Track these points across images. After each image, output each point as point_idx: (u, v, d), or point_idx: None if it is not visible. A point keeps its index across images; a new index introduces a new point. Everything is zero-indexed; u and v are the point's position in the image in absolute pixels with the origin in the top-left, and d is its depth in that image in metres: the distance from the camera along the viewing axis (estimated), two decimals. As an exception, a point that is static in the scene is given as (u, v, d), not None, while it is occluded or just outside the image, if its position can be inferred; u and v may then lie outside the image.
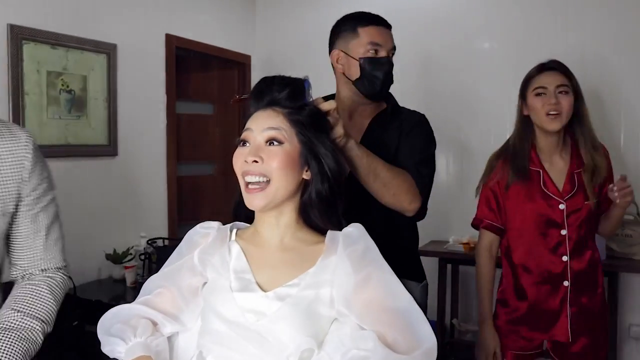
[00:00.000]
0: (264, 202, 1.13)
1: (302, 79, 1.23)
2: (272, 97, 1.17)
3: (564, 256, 1.86)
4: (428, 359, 1.02)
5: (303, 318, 1.08)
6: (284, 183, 1.13)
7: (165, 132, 3.46)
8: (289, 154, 1.13)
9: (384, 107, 1.74)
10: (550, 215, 1.87)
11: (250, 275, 1.15)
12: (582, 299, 1.88)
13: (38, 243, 1.29)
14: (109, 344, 1.14)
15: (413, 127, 1.68)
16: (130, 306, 1.21)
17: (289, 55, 4.07)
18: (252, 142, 1.14)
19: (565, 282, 1.86)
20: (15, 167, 1.22)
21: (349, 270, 1.11)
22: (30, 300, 1.23)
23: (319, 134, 1.19)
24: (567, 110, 1.83)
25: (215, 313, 1.12)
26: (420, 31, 3.63)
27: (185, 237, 1.27)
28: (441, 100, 3.51)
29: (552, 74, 1.86)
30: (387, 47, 1.64)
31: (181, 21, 3.56)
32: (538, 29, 3.35)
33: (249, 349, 1.07)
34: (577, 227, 1.86)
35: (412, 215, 1.57)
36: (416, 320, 1.07)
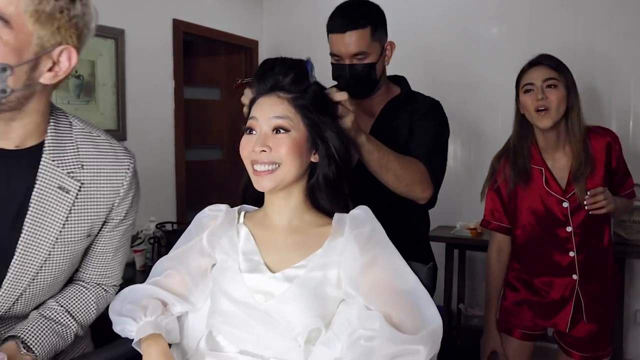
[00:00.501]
0: (272, 184, 1.14)
1: (304, 61, 1.22)
2: (275, 81, 1.16)
3: (570, 252, 1.86)
4: (433, 338, 1.03)
5: (311, 299, 1.10)
6: (293, 168, 1.15)
7: (174, 117, 3.47)
8: (296, 141, 1.14)
9: (397, 93, 1.72)
10: (554, 213, 1.87)
11: (259, 257, 1.16)
12: (591, 287, 1.88)
13: (104, 260, 1.25)
14: (120, 324, 1.16)
15: (426, 113, 1.66)
16: (140, 286, 1.23)
17: (296, 40, 4.06)
18: (258, 131, 1.15)
19: (574, 275, 1.86)
20: (110, 193, 1.15)
21: (355, 252, 1.12)
22: (75, 301, 1.21)
23: (324, 116, 1.20)
24: (556, 105, 1.78)
25: (224, 293, 1.14)
26: (426, 17, 3.62)
27: (194, 219, 1.29)
28: (448, 86, 3.49)
29: (539, 69, 1.82)
30: (348, 54, 1.58)
31: (188, 6, 3.55)
32: (546, 12, 3.32)
33: (257, 328, 1.09)
34: (582, 223, 1.84)
35: (424, 203, 1.57)
36: (422, 301, 1.09)
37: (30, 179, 1.05)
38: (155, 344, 1.09)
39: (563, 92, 1.79)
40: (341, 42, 1.58)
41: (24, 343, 1.07)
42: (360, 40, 1.56)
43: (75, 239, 1.13)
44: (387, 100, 1.69)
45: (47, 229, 1.07)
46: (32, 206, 1.05)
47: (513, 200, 1.95)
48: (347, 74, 1.59)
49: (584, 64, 3.17)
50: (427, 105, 1.69)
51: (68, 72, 1.01)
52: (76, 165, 1.10)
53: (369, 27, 1.57)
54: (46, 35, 0.96)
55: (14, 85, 0.95)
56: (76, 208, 1.10)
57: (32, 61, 0.96)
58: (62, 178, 1.08)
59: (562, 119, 1.82)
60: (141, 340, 1.10)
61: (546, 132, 1.85)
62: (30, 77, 0.97)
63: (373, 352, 0.99)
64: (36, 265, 1.08)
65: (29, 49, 0.95)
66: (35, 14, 0.93)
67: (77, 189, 1.10)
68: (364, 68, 1.58)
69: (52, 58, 0.99)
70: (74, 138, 1.12)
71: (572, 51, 3.14)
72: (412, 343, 1.01)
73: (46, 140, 1.08)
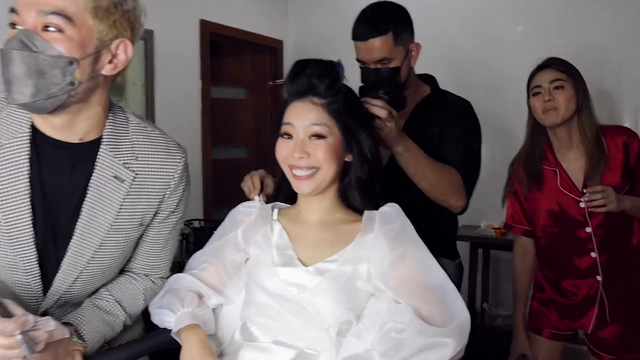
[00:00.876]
0: (312, 188, 1.19)
1: (335, 63, 1.25)
2: (309, 84, 1.19)
3: (592, 253, 1.85)
4: (461, 332, 1.07)
5: (341, 292, 1.14)
6: (330, 170, 1.19)
7: (200, 116, 3.54)
8: (332, 145, 1.18)
9: (427, 93, 1.73)
10: (571, 214, 1.86)
11: (292, 252, 1.21)
12: (617, 289, 1.87)
13: (153, 252, 1.31)
14: (158, 315, 1.22)
15: (458, 115, 1.67)
16: (178, 278, 1.27)
17: (320, 40, 4.09)
18: (295, 137, 1.18)
19: (598, 276, 1.86)
20: (162, 185, 1.22)
21: (385, 247, 1.16)
22: (124, 291, 1.27)
23: (357, 119, 1.23)
24: (564, 104, 1.80)
25: (259, 286, 1.18)
26: (450, 18, 3.62)
27: (229, 215, 1.34)
28: (472, 85, 3.49)
29: (546, 72, 1.85)
30: (371, 60, 1.61)
31: (215, 7, 3.61)
32: (572, 10, 3.30)
33: (291, 320, 1.14)
34: (603, 222, 1.83)
35: (459, 212, 1.61)
36: (450, 295, 1.12)
37: (90, 169, 1.14)
38: (194, 333, 1.14)
39: (571, 92, 1.81)
40: (364, 50, 1.61)
41: (77, 331, 1.13)
42: (382, 47, 1.59)
43: (128, 226, 1.19)
44: (417, 100, 1.71)
45: (103, 215, 1.15)
46: (90, 193, 1.13)
47: (530, 203, 1.97)
48: (372, 78, 1.62)
49: (611, 63, 3.15)
50: (458, 106, 1.70)
51: (126, 63, 1.10)
52: (131, 157, 1.18)
53: (390, 33, 1.59)
54: (104, 29, 1.05)
55: (80, 78, 1.03)
56: (130, 197, 1.17)
57: (94, 54, 1.04)
58: (117, 168, 1.15)
59: (572, 119, 1.84)
60: (180, 330, 1.15)
61: (558, 133, 1.87)
62: (93, 69, 1.06)
63: (403, 344, 1.03)
64: (92, 249, 1.15)
65: (90, 43, 1.03)
66: (94, 10, 1.02)
67: (132, 179, 1.17)
68: (388, 72, 1.60)
69: (110, 51, 1.07)
70: (130, 132, 1.20)
71: (600, 49, 3.12)
72: (440, 336, 1.04)
73: (104, 134, 1.15)
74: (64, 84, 1.01)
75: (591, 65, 3.10)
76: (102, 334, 1.18)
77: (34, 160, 1.10)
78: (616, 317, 1.87)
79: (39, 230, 1.11)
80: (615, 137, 1.84)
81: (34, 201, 1.10)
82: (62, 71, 1.00)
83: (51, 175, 1.12)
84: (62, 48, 1.00)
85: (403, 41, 1.63)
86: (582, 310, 1.91)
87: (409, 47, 1.65)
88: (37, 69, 0.98)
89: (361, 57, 1.64)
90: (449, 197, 1.54)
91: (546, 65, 1.87)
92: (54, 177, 1.12)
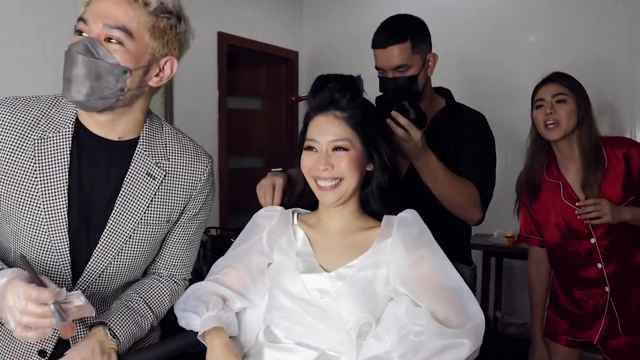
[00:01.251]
0: (336, 198, 1.25)
1: (355, 77, 1.31)
2: (331, 99, 1.25)
3: (598, 264, 1.88)
4: (476, 333, 1.12)
5: (361, 296, 1.19)
6: (354, 181, 1.25)
7: (217, 126, 3.61)
8: (354, 157, 1.24)
9: (442, 105, 1.78)
10: (574, 225, 1.90)
11: (314, 259, 1.27)
12: (628, 298, 1.89)
13: (177, 252, 1.39)
14: (184, 318, 1.28)
15: (473, 130, 1.71)
16: (202, 284, 1.33)
17: (335, 51, 4.16)
18: (319, 150, 1.25)
19: (606, 287, 1.88)
20: (189, 186, 1.32)
21: (402, 251, 1.21)
22: (151, 292, 1.34)
23: (376, 129, 1.29)
24: (566, 118, 1.84)
25: (283, 290, 1.24)
26: (459, 27, 3.66)
27: (250, 220, 1.39)
28: (485, 95, 3.53)
29: (549, 86, 1.89)
30: (390, 67, 1.67)
31: (232, 19, 3.70)
32: (584, 20, 3.33)
33: (313, 323, 1.19)
34: (606, 233, 1.86)
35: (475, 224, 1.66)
36: (466, 298, 1.17)
37: (125, 166, 1.25)
38: (218, 336, 1.20)
39: (573, 106, 1.85)
40: (383, 57, 1.67)
41: (111, 330, 1.19)
42: (401, 54, 1.65)
43: (156, 221, 1.28)
44: (433, 113, 1.75)
45: (134, 208, 1.24)
46: (124, 188, 1.23)
47: (538, 215, 2.01)
48: (390, 86, 1.68)
49: (623, 73, 3.18)
50: (473, 120, 1.74)
51: (169, 78, 1.24)
52: (163, 157, 1.29)
53: (409, 41, 1.65)
54: (157, 47, 1.18)
55: (130, 85, 1.16)
56: (160, 193, 1.28)
57: (145, 67, 1.18)
58: (150, 166, 1.26)
59: (573, 133, 1.88)
60: (205, 332, 1.21)
61: (560, 146, 1.91)
62: (142, 80, 1.19)
63: (422, 346, 1.08)
64: (121, 241, 1.24)
65: (144, 57, 1.17)
66: (152, 29, 1.16)
67: (162, 177, 1.28)
68: (406, 81, 1.67)
69: (159, 66, 1.21)
70: (164, 135, 1.33)
71: (610, 61, 3.15)
72: (457, 337, 1.09)
73: (141, 135, 1.28)
74: (115, 89, 1.13)
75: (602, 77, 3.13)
76: (133, 334, 1.25)
77: (75, 154, 1.20)
78: (627, 328, 1.89)
79: (72, 219, 1.20)
80: (616, 149, 1.87)
81: (70, 191, 1.19)
82: (116, 78, 1.13)
83: (89, 169, 1.22)
84: (120, 58, 1.12)
85: (421, 50, 1.69)
86: (591, 321, 1.93)
87: (427, 57, 1.71)
88: (95, 73, 1.11)
89: (380, 65, 1.70)
90: (466, 211, 1.60)
91: (550, 80, 1.92)
92: (92, 171, 1.22)
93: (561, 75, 1.92)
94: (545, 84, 1.92)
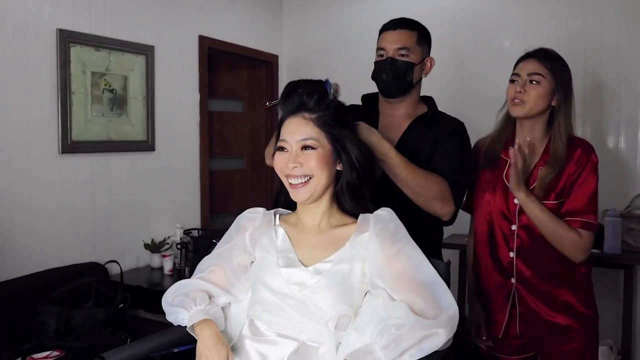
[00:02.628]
0: (307, 195, 1.32)
1: (323, 81, 1.41)
2: (301, 102, 1.34)
3: (510, 252, 1.81)
4: (451, 322, 1.21)
5: (338, 288, 1.27)
6: (323, 178, 1.32)
7: (199, 129, 3.64)
8: (322, 155, 1.32)
9: (424, 111, 1.85)
10: (504, 207, 1.83)
11: (294, 254, 1.34)
12: (531, 302, 1.81)
13: None
14: (172, 314, 1.33)
15: (450, 134, 1.78)
16: (189, 281, 1.39)
17: (315, 55, 4.21)
18: (289, 150, 1.32)
19: (512, 279, 1.81)
20: None
21: (378, 246, 1.29)
22: None
23: (345, 129, 1.37)
24: (533, 99, 1.74)
25: (265, 285, 1.30)
26: (452, 32, 3.70)
27: (235, 221, 1.46)
28: (467, 99, 3.60)
29: (529, 62, 1.79)
30: (392, 47, 1.77)
31: (212, 23, 3.73)
32: (569, 23, 3.39)
33: (293, 315, 1.26)
34: (527, 224, 1.77)
35: (447, 219, 1.70)
36: (440, 291, 1.26)
37: None
38: (208, 327, 1.26)
39: (546, 89, 1.75)
40: (390, 37, 1.78)
41: None
42: (408, 39, 1.77)
43: None
44: (413, 117, 1.83)
45: None
46: None
47: (475, 187, 1.94)
48: (387, 66, 1.76)
49: (610, 67, 3.28)
50: (451, 126, 1.80)
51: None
52: None
53: (416, 32, 1.79)
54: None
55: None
56: None
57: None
58: None
59: (540, 117, 1.79)
60: (194, 325, 1.26)
61: (523, 124, 1.82)
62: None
63: (403, 338, 1.16)
64: None
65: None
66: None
67: None
68: (403, 64, 1.76)
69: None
70: None
71: (598, 60, 3.24)
72: (434, 327, 1.18)
73: None
74: None
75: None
76: None
77: None
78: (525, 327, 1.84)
79: None
80: (574, 150, 1.76)
81: None
82: None
83: None
84: None
85: (423, 47, 1.81)
86: (495, 312, 1.88)
87: (426, 57, 1.82)
88: None
89: (383, 45, 1.79)
90: (434, 204, 1.65)
91: (532, 56, 1.81)
92: None
93: (546, 54, 1.80)
94: (526, 59, 1.81)
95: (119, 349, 1.27)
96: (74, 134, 2.84)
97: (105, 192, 3.02)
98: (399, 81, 1.76)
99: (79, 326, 2.25)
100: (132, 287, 2.85)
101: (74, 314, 2.27)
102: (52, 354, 2.08)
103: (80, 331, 2.25)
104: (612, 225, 2.96)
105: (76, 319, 2.26)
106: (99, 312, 2.31)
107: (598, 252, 3.01)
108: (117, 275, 2.69)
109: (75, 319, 2.26)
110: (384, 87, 1.80)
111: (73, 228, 2.85)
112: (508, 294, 1.85)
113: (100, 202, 2.99)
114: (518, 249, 1.82)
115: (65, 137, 2.78)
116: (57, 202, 2.77)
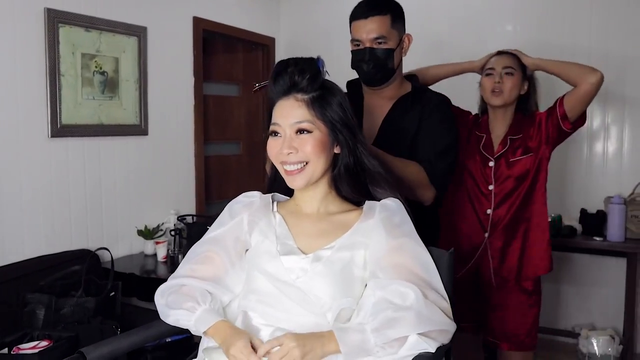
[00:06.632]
0: (304, 182, 1.24)
1: (315, 59, 1.29)
2: (292, 82, 1.24)
3: (488, 209, 2.11)
4: (446, 336, 1.18)
5: (338, 276, 1.19)
6: (320, 163, 1.24)
7: (193, 113, 3.56)
8: (318, 138, 1.23)
9: (408, 90, 1.80)
10: (481, 172, 2.12)
11: (292, 242, 1.26)
12: (502, 252, 2.10)
13: None
14: (173, 315, 1.24)
15: (432, 111, 1.74)
16: (184, 281, 1.28)
17: (313, 37, 4.12)
18: (282, 134, 1.24)
19: (486, 233, 2.11)
20: None
21: (383, 235, 1.22)
22: None
23: (341, 111, 1.27)
24: (509, 89, 2.07)
25: (262, 272, 1.22)
26: (439, 16, 3.66)
27: (228, 205, 1.37)
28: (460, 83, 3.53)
29: (502, 57, 2.12)
30: (368, 38, 1.70)
31: (208, 4, 3.63)
32: (561, 11, 3.35)
33: (290, 306, 1.18)
34: (502, 183, 2.09)
35: (429, 204, 1.70)
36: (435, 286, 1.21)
37: None
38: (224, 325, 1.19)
39: (518, 80, 2.09)
40: (363, 27, 1.70)
41: None
42: (381, 26, 1.69)
43: None
44: (396, 98, 1.78)
45: None
46: None
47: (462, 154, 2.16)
48: (366, 57, 1.69)
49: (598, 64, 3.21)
50: (434, 103, 1.77)
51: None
52: None
53: (389, 15, 1.70)
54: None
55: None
56: None
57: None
58: None
59: (512, 106, 2.12)
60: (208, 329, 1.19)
61: (495, 110, 2.13)
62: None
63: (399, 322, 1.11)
64: None
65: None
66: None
67: None
68: (382, 53, 1.70)
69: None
70: None
71: (586, 52, 3.18)
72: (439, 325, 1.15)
73: None
74: None
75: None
76: None
77: None
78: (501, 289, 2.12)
79: None
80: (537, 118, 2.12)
81: None
82: None
83: None
84: None
85: (398, 28, 1.73)
86: (467, 256, 2.14)
87: (402, 36, 1.75)
88: None
89: (358, 36, 1.71)
90: (415, 192, 1.63)
91: (502, 52, 2.15)
92: None
93: (512, 54, 2.14)
94: (499, 55, 2.15)
95: (100, 344, 1.19)
96: (64, 117, 2.75)
97: (97, 178, 2.94)
98: (380, 69, 1.72)
99: (68, 315, 2.19)
100: (125, 275, 2.78)
101: (63, 302, 2.20)
102: (40, 344, 2.01)
103: (69, 320, 2.18)
104: (617, 212, 2.91)
105: (65, 308, 2.19)
106: (88, 301, 2.23)
107: (601, 240, 2.97)
108: (109, 263, 2.62)
109: (64, 308, 2.19)
110: (366, 77, 1.76)
111: (64, 215, 2.77)
112: (480, 245, 2.15)
113: (91, 188, 2.91)
114: (496, 205, 2.13)
115: (54, 121, 2.70)
116: (47, 188, 2.69)
